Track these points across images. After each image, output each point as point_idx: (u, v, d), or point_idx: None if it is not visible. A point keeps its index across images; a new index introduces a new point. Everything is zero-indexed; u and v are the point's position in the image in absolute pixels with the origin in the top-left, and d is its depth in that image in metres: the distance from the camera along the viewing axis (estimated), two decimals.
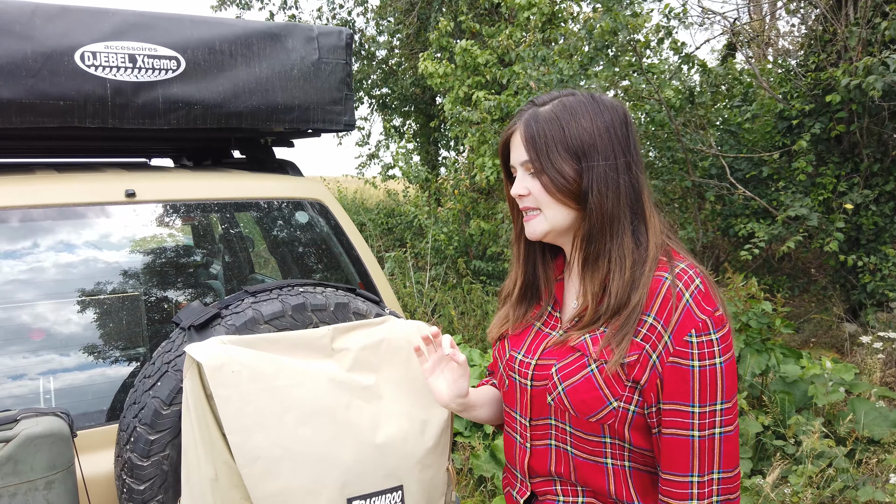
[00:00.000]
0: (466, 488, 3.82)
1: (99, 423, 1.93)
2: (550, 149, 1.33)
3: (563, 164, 1.33)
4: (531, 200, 1.38)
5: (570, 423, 1.35)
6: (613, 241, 1.33)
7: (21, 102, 2.05)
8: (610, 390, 1.29)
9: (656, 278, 1.30)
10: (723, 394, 1.27)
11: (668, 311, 1.26)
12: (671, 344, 1.26)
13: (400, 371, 1.73)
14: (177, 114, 2.30)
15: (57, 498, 1.55)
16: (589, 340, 1.33)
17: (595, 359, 1.31)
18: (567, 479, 1.39)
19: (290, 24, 2.52)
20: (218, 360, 1.49)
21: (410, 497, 1.58)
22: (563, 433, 1.37)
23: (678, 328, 1.25)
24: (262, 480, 1.44)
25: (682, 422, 1.26)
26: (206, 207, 2.35)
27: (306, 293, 1.79)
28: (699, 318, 1.26)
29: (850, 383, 4.30)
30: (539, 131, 1.34)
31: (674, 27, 6.40)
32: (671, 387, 1.27)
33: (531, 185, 1.37)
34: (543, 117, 1.36)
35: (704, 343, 1.26)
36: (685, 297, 1.27)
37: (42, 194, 2.08)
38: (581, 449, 1.36)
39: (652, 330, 1.27)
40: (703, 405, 1.26)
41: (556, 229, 1.39)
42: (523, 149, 1.37)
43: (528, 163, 1.36)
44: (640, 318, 1.28)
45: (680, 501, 1.28)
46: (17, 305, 2.02)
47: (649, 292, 1.29)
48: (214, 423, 1.50)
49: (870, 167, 6.00)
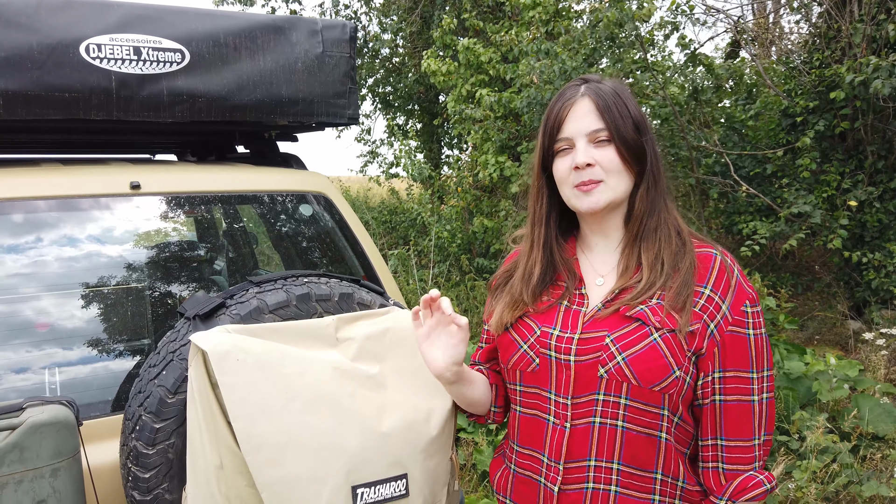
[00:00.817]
0: (470, 483, 3.82)
1: (104, 414, 1.94)
2: (624, 117, 1.39)
3: (633, 133, 1.40)
4: (595, 171, 1.39)
5: (627, 394, 1.34)
6: (667, 212, 1.43)
7: (27, 94, 2.05)
8: (674, 359, 1.32)
9: (706, 253, 1.40)
10: (768, 361, 1.38)
11: (724, 284, 1.36)
12: (729, 314, 1.35)
13: (404, 361, 1.73)
14: (181, 106, 2.30)
15: (62, 485, 1.56)
16: (648, 310, 1.35)
17: (658, 327, 1.33)
18: (607, 460, 1.36)
19: (295, 17, 2.53)
20: (223, 349, 1.49)
21: (415, 485, 1.58)
22: (616, 407, 1.35)
23: (735, 300, 1.35)
24: (266, 467, 1.44)
25: (744, 388, 1.35)
26: (210, 200, 2.36)
27: (311, 283, 1.80)
28: (749, 292, 1.37)
29: (854, 380, 4.30)
30: (612, 101, 1.40)
31: (680, 23, 6.39)
32: (733, 354, 1.35)
33: (598, 155, 1.39)
34: (608, 90, 1.41)
35: (756, 313, 1.37)
36: (735, 271, 1.38)
37: (47, 186, 2.09)
38: (636, 422, 1.35)
39: (710, 301, 1.35)
40: (760, 371, 1.36)
41: (616, 200, 1.42)
42: (595, 117, 1.39)
43: (601, 131, 1.39)
44: (696, 289, 1.35)
45: (747, 465, 1.37)
46: (22, 297, 2.03)
47: (701, 266, 1.37)
48: (219, 410, 1.50)
49: (874, 164, 5.99)
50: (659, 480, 1.36)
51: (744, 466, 1.37)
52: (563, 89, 1.46)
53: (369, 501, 1.52)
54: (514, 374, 1.48)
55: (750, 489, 1.36)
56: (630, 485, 1.36)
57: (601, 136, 1.39)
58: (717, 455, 1.38)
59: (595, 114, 1.39)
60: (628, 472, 1.36)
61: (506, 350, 1.50)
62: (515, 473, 1.50)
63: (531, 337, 1.45)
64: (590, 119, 1.39)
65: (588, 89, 1.41)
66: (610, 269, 1.47)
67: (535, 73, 6.11)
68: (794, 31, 8.69)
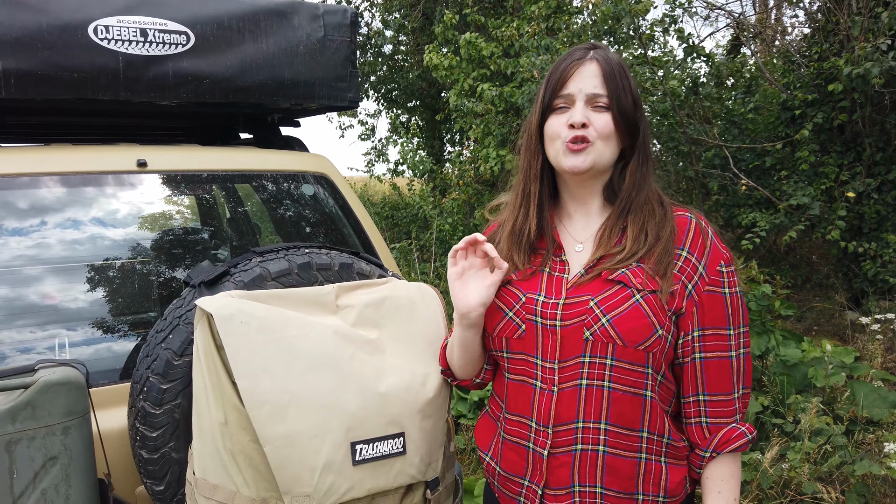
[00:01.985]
0: (469, 466, 3.89)
1: (112, 382, 2.00)
2: (625, 88, 1.44)
3: (631, 106, 1.45)
4: (588, 132, 1.43)
5: (612, 355, 1.37)
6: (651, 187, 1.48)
7: (37, 74, 2.12)
8: (656, 318, 1.37)
9: (682, 217, 1.46)
10: (744, 318, 1.44)
11: (700, 246, 1.42)
12: (706, 274, 1.41)
13: (402, 328, 1.79)
14: (186, 87, 2.37)
15: (73, 443, 1.62)
16: (629, 273, 1.40)
17: (640, 289, 1.38)
18: (595, 420, 1.40)
19: (297, 1, 2.59)
20: (228, 312, 1.56)
21: (411, 443, 1.64)
22: (602, 368, 1.38)
23: (710, 260, 1.42)
24: (269, 423, 1.50)
25: (722, 344, 1.41)
26: (214, 178, 2.42)
27: (312, 253, 1.86)
28: (723, 253, 1.44)
29: (850, 366, 4.35)
30: (617, 70, 1.44)
31: (678, 16, 6.44)
32: (711, 313, 1.41)
33: (594, 117, 1.43)
34: (615, 60, 1.46)
35: (731, 273, 1.43)
36: (710, 233, 1.44)
37: (57, 162, 2.16)
38: (622, 382, 1.39)
39: (687, 262, 1.41)
40: (736, 327, 1.42)
41: (600, 165, 1.46)
42: (599, 80, 1.43)
43: (602, 97, 1.43)
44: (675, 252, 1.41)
45: (729, 418, 1.43)
46: (29, 271, 2.10)
47: (679, 229, 1.44)
48: (224, 370, 1.56)
49: (872, 156, 6.03)
50: (645, 438, 1.41)
51: (726, 419, 1.43)
52: (572, 50, 1.49)
53: (367, 457, 1.58)
54: (500, 342, 1.51)
55: (733, 440, 1.42)
56: (617, 444, 1.40)
57: (601, 101, 1.43)
58: (700, 410, 1.44)
59: (600, 77, 1.43)
60: (615, 431, 1.40)
61: (491, 317, 1.52)
62: (504, 441, 1.54)
63: (516, 304, 1.48)
64: (594, 82, 1.43)
65: (597, 54, 1.46)
66: (588, 235, 1.51)
67: (535, 68, 6.17)
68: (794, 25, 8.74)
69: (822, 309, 6.41)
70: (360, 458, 1.57)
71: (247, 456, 1.53)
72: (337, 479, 1.54)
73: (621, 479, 1.41)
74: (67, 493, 1.62)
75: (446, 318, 1.85)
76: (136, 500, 1.92)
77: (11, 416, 1.55)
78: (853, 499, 3.26)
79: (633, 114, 1.45)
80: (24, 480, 1.57)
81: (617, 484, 1.42)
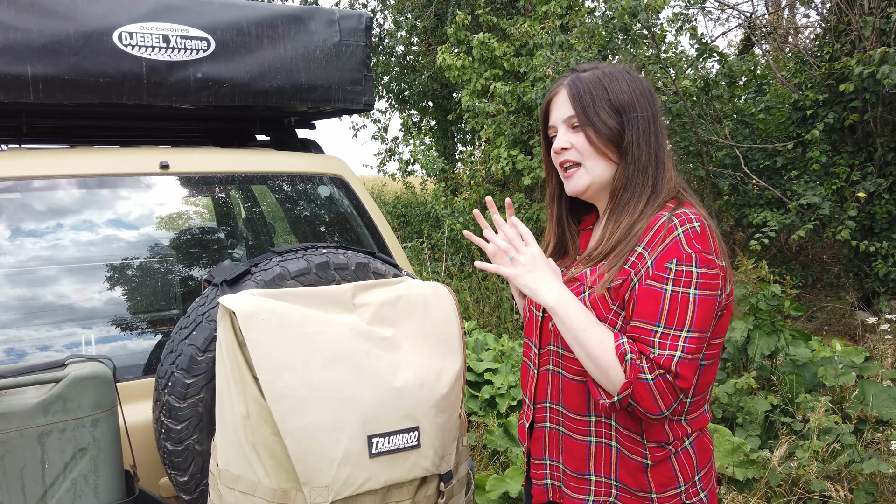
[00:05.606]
0: (481, 462, 3.94)
1: (137, 377, 2.07)
2: (596, 104, 1.50)
3: (607, 118, 1.49)
4: (573, 154, 1.52)
5: (562, 346, 1.53)
6: (643, 189, 1.48)
7: (64, 79, 2.19)
8: (595, 312, 1.44)
9: (657, 216, 1.44)
10: (692, 323, 1.34)
11: (656, 242, 1.40)
12: (652, 268, 1.38)
13: (416, 325, 1.85)
14: (207, 92, 2.43)
15: (102, 435, 1.69)
16: (588, 271, 1.50)
17: (589, 286, 1.48)
18: (554, 402, 1.57)
19: (314, 7, 2.66)
20: (249, 309, 1.62)
21: (426, 437, 1.70)
22: (557, 356, 1.55)
23: (661, 256, 1.38)
24: (290, 416, 1.56)
25: (645, 339, 1.36)
26: (233, 180, 2.49)
27: (329, 253, 1.92)
28: (685, 251, 1.36)
29: (860, 366, 4.36)
30: (584, 89, 1.51)
31: (692, 15, 6.47)
32: (641, 306, 1.38)
33: (574, 140, 1.52)
34: (586, 79, 1.53)
35: (683, 272, 1.36)
36: (677, 231, 1.38)
37: (84, 165, 2.23)
38: (569, 370, 1.53)
39: (640, 258, 1.41)
40: (669, 326, 1.34)
41: (597, 183, 1.53)
42: (569, 105, 1.52)
43: (573, 118, 1.52)
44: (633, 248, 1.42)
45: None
46: (54, 271, 2.17)
47: (648, 226, 1.43)
48: (246, 365, 1.62)
49: (883, 156, 6.04)
50: (593, 422, 1.51)
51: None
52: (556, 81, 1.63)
53: (383, 450, 1.63)
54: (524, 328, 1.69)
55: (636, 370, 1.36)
56: (571, 427, 1.55)
57: (574, 122, 1.52)
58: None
59: (569, 102, 1.53)
60: (568, 415, 1.55)
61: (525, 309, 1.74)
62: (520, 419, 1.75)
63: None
64: (565, 107, 1.54)
65: (567, 79, 1.56)
66: None
67: (550, 65, 6.21)
68: (806, 25, 8.73)
69: (833, 309, 6.42)
70: (376, 450, 1.63)
71: (268, 448, 1.60)
72: (354, 471, 1.60)
73: (575, 459, 1.54)
74: (96, 484, 1.69)
75: (460, 316, 1.90)
76: (159, 491, 1.99)
77: (43, 409, 1.62)
78: (861, 497, 3.29)
79: (613, 123, 1.49)
80: (55, 470, 1.64)
81: (572, 464, 1.55)
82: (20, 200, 2.18)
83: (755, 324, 4.29)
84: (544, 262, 1.47)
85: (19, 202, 2.18)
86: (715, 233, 1.44)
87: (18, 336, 2.03)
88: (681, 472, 1.48)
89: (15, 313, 2.06)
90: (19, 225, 2.15)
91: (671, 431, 1.47)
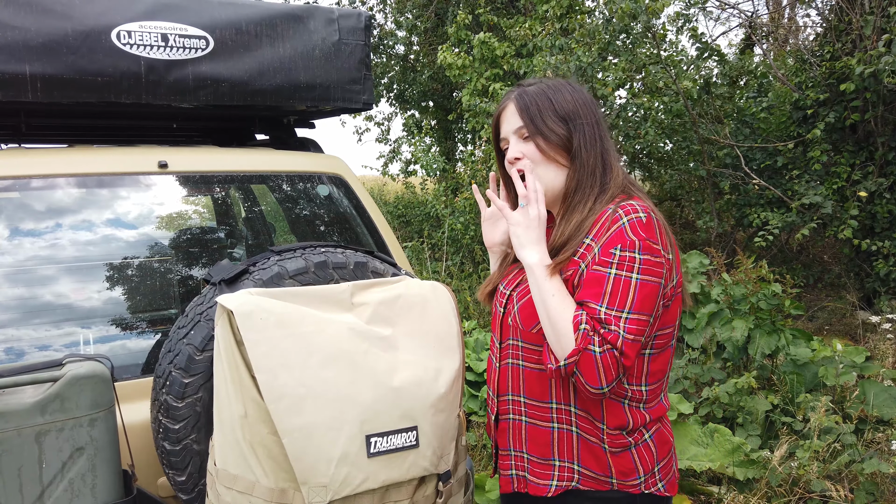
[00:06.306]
0: (480, 462, 3.94)
1: (135, 376, 2.07)
2: (543, 113, 1.59)
3: (554, 126, 1.58)
4: (524, 163, 1.60)
5: (520, 337, 1.60)
6: (592, 189, 1.57)
7: (63, 78, 2.19)
8: None
9: (604, 210, 1.53)
10: (632, 305, 1.43)
11: (602, 231, 1.50)
12: (598, 255, 1.47)
13: (415, 325, 1.84)
14: (205, 91, 2.43)
15: (99, 434, 1.69)
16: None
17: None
18: (515, 394, 1.64)
19: (312, 6, 2.65)
20: (247, 308, 1.61)
21: (424, 437, 1.69)
22: (516, 349, 1.63)
23: (607, 243, 1.47)
24: (287, 416, 1.56)
25: (591, 307, 1.45)
26: (232, 179, 2.48)
27: (328, 252, 1.92)
28: (629, 238, 1.46)
29: (860, 366, 4.36)
30: (530, 101, 1.61)
31: (693, 15, 6.47)
32: (587, 289, 1.46)
33: (524, 149, 1.61)
34: (532, 92, 1.63)
35: (627, 258, 1.45)
36: (622, 220, 1.48)
37: (83, 164, 2.22)
38: (529, 360, 1.60)
39: (588, 249, 1.50)
40: (611, 307, 1.43)
41: (549, 189, 1.60)
42: (517, 117, 1.61)
43: (522, 128, 1.60)
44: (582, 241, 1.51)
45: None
46: (54, 270, 2.17)
47: (595, 220, 1.52)
48: (244, 365, 1.62)
49: (884, 155, 6.03)
50: (554, 409, 1.59)
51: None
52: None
53: (381, 450, 1.63)
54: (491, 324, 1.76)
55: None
56: (534, 415, 1.62)
57: (523, 132, 1.61)
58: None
59: (517, 113, 1.61)
60: (531, 403, 1.63)
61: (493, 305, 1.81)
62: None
63: (497, 294, 1.77)
64: (514, 119, 1.62)
65: (514, 93, 1.65)
66: None
67: (550, 68, 6.20)
68: (808, 24, 8.72)
69: (834, 308, 6.41)
70: (374, 450, 1.62)
71: (266, 447, 1.59)
72: (352, 471, 1.60)
73: (539, 445, 1.62)
74: (94, 483, 1.69)
75: (459, 316, 1.90)
76: (157, 491, 1.98)
77: (41, 408, 1.61)
78: (862, 497, 3.28)
79: (561, 131, 1.58)
80: (52, 470, 1.64)
81: (537, 451, 1.62)
82: (19, 200, 2.18)
83: (756, 323, 4.28)
84: (541, 227, 1.55)
85: (18, 201, 2.18)
86: (662, 224, 1.52)
87: (17, 335, 2.02)
88: (640, 464, 1.57)
89: (13, 312, 2.06)
90: (18, 224, 2.14)
91: (631, 417, 1.55)
